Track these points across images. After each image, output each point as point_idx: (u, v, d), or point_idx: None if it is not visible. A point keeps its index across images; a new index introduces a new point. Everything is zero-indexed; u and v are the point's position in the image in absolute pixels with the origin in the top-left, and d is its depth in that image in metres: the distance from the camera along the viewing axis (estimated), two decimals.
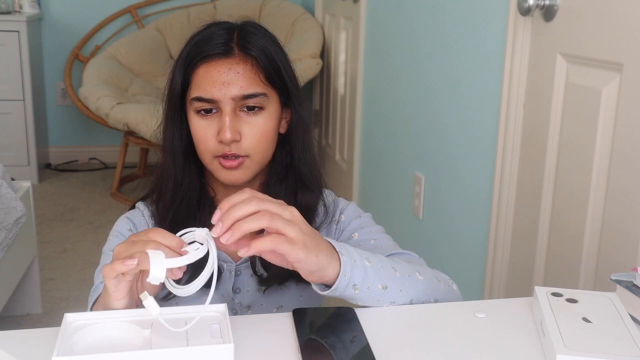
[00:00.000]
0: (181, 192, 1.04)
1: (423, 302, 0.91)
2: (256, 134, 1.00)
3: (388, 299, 0.88)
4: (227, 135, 0.97)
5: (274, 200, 0.80)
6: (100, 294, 0.87)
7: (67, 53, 4.00)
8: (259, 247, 0.76)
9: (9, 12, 3.73)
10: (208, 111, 0.99)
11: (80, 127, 4.19)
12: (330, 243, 0.85)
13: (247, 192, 0.79)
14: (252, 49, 0.99)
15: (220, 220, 0.77)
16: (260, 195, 0.80)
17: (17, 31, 3.61)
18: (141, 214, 1.08)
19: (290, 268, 0.83)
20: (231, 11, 3.96)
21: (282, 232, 0.77)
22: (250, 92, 0.98)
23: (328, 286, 0.84)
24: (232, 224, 0.76)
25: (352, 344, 0.78)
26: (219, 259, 1.05)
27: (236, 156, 0.99)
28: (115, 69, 3.68)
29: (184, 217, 1.03)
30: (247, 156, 1.00)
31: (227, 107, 0.98)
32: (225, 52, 0.99)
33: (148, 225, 1.07)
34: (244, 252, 0.77)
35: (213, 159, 1.01)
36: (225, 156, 0.99)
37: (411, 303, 0.90)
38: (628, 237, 1.24)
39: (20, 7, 3.84)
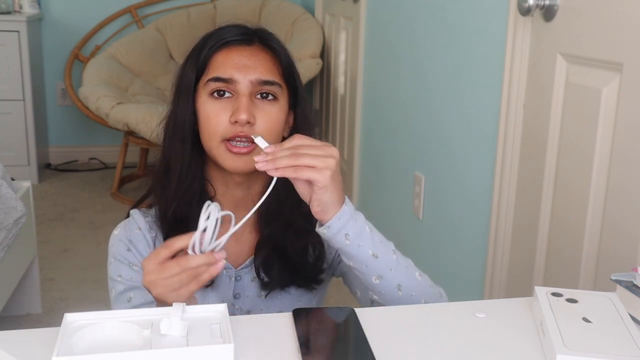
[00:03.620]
0: (187, 179, 1.03)
1: (411, 297, 0.95)
2: (269, 121, 1.00)
3: (376, 269, 0.93)
4: (243, 116, 0.97)
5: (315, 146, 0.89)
6: None
7: (67, 53, 3.99)
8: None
9: (9, 12, 3.73)
10: (221, 94, 1.00)
11: (80, 127, 4.19)
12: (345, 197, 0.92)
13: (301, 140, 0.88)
14: (272, 42, 1.04)
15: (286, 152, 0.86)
16: (306, 142, 0.89)
17: (17, 31, 3.61)
18: (137, 226, 1.06)
19: (307, 198, 0.90)
20: (231, 11, 3.97)
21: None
22: (268, 79, 1.00)
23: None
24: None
25: (352, 344, 0.78)
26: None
27: (248, 139, 0.98)
28: (115, 69, 3.68)
29: (186, 211, 1.02)
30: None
31: (245, 90, 0.99)
32: (247, 40, 1.02)
33: (146, 238, 1.05)
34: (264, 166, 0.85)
35: (220, 143, 0.99)
36: (237, 137, 0.98)
37: (399, 289, 0.94)
38: (628, 237, 1.24)
39: (20, 7, 3.84)
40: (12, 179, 2.24)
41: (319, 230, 0.92)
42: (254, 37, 1.03)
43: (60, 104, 4.17)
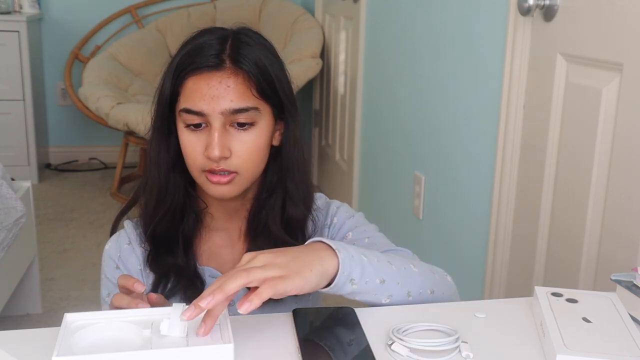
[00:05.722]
0: (164, 203, 1.01)
1: (420, 294, 0.91)
2: (246, 150, 0.96)
3: (385, 292, 0.88)
4: (216, 152, 0.93)
5: (242, 262, 0.79)
6: None
7: (67, 53, 4.00)
8: (262, 297, 0.75)
9: (9, 12, 3.73)
10: (197, 126, 0.96)
11: (80, 127, 4.19)
12: (324, 242, 0.85)
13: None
14: (244, 61, 0.95)
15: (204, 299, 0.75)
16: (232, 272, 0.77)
17: (17, 31, 3.61)
18: (127, 240, 1.06)
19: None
20: (231, 11, 3.97)
21: (268, 277, 0.77)
22: (241, 107, 0.94)
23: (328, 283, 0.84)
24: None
25: (352, 344, 0.78)
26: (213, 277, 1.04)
27: (225, 171, 0.96)
28: (115, 69, 3.68)
29: (166, 229, 1.02)
30: (236, 172, 0.97)
31: (217, 123, 0.94)
32: (216, 65, 0.94)
33: (136, 253, 1.04)
34: (246, 309, 0.75)
35: (201, 173, 0.97)
36: (213, 172, 0.96)
37: (409, 296, 0.90)
38: (628, 237, 1.24)
39: (20, 7, 3.84)
40: (12, 179, 2.24)
41: (323, 291, 0.85)
42: (225, 58, 0.95)
43: (60, 104, 4.17)
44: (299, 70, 3.32)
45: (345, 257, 0.83)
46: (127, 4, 4.07)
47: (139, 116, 3.18)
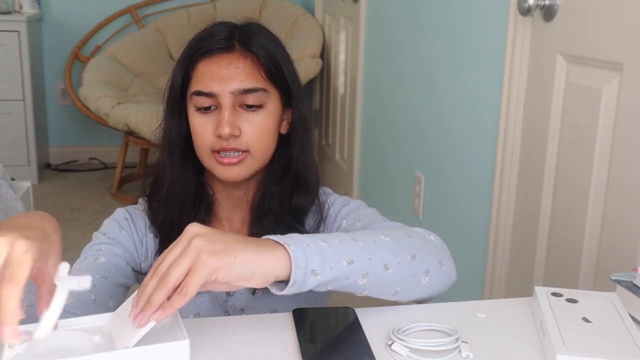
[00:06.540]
0: (176, 189, 1.03)
1: (400, 264, 0.83)
2: (256, 130, 0.99)
3: (359, 272, 0.80)
4: (226, 130, 0.96)
5: (172, 254, 0.72)
6: None
7: (67, 53, 3.99)
8: (175, 306, 0.69)
9: (9, 12, 3.73)
10: (207, 109, 0.99)
11: (80, 127, 4.19)
12: (272, 240, 0.77)
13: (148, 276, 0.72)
14: (253, 45, 0.99)
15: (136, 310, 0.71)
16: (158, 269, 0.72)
17: (17, 31, 3.61)
18: (142, 207, 1.08)
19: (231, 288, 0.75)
20: (231, 11, 3.96)
21: (185, 271, 0.70)
22: (249, 87, 0.98)
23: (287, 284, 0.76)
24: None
25: (352, 344, 0.78)
26: None
27: (236, 151, 0.98)
28: (115, 69, 3.68)
29: (177, 216, 1.02)
30: (247, 152, 0.99)
31: (227, 102, 0.97)
32: (226, 48, 0.99)
33: (144, 220, 1.06)
34: (159, 316, 0.70)
35: (210, 155, 0.99)
36: (223, 151, 0.98)
37: (387, 269, 0.82)
38: (628, 238, 1.24)
39: (20, 7, 3.84)
40: (12, 179, 2.23)
41: (282, 293, 0.76)
42: (235, 42, 1.00)
43: (60, 104, 4.17)
44: (299, 70, 3.32)
45: (298, 249, 0.75)
46: (127, 4, 4.07)
47: (139, 116, 3.18)
